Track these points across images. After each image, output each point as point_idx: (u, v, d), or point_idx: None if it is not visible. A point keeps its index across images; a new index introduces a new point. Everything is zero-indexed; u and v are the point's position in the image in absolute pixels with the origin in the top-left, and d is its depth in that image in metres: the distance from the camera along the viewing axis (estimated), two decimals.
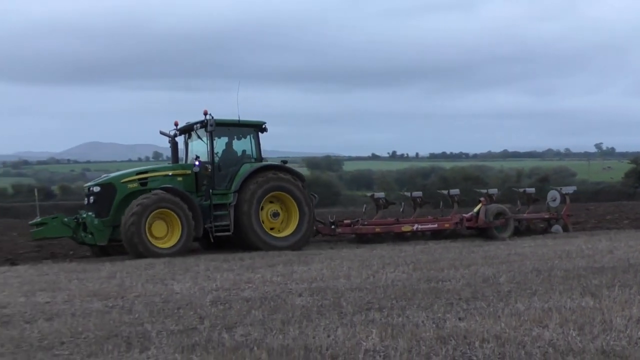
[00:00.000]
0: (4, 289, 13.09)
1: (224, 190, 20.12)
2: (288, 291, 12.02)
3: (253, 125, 21.33)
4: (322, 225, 22.22)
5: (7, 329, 9.32)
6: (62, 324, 9.48)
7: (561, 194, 24.38)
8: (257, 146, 21.35)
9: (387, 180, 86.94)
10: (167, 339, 8.31)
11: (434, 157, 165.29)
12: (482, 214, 22.69)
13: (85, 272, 15.69)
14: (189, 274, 14.94)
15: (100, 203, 19.37)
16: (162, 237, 19.02)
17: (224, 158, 20.86)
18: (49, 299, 11.90)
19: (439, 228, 22.92)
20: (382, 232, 22.52)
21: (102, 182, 20.07)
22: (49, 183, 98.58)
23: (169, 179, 20.08)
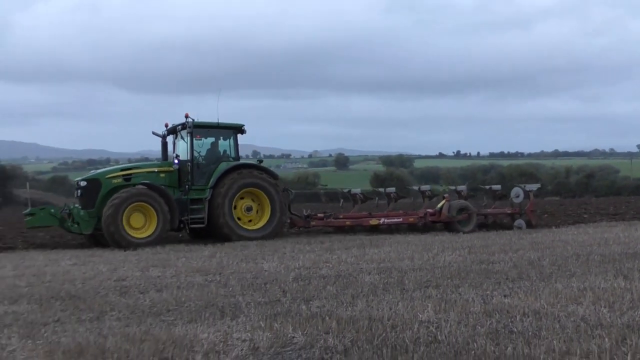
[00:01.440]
0: (124, 265, 13.46)
1: (202, 186, 19.52)
2: (359, 270, 12.06)
3: (232, 127, 20.62)
4: (297, 218, 21.27)
5: (125, 297, 9.59)
6: (169, 295, 9.71)
7: (525, 191, 22.85)
8: (236, 146, 20.66)
9: (452, 175, 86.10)
10: (254, 309, 8.44)
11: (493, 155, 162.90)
12: (445, 209, 21.59)
13: (191, 252, 16.00)
14: (276, 254, 15.09)
15: (87, 196, 18.80)
16: (139, 227, 18.37)
17: (204, 157, 20.17)
18: (160, 273, 12.20)
19: (403, 222, 21.83)
20: (353, 225, 21.56)
21: (89, 177, 19.50)
22: None
23: (153, 176, 19.49)
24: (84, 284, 11.05)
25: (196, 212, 19.16)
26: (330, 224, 21.26)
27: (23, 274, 12.35)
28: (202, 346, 6.54)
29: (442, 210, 21.58)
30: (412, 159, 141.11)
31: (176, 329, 7.39)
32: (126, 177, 19.19)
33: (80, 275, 12.11)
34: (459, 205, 21.83)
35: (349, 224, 21.37)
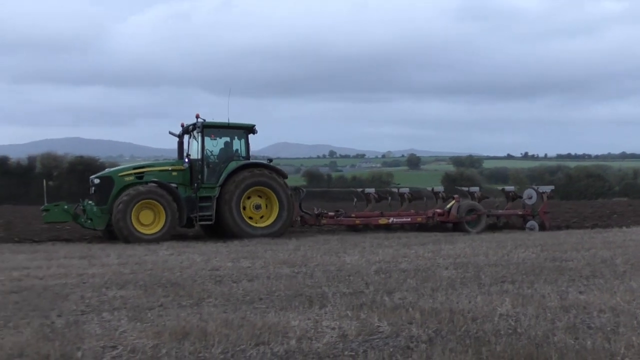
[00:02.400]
0: (216, 256, 13.71)
1: (212, 184, 19.03)
2: (437, 265, 12.01)
3: (243, 127, 20.07)
4: (309, 216, 20.60)
5: (220, 286, 9.78)
6: (260, 284, 9.86)
7: (538, 193, 21.89)
8: (247, 146, 20.05)
9: (520, 176, 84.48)
10: (340, 299, 8.51)
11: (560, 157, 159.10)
12: (454, 209, 20.79)
13: (277, 245, 16.19)
14: (357, 248, 15.14)
15: (100, 193, 18.57)
16: (149, 224, 18.09)
17: (216, 156, 19.72)
18: (250, 264, 12.39)
19: (412, 222, 21.06)
20: (362, 224, 20.90)
21: (102, 175, 19.29)
22: None
23: (166, 174, 19.17)
24: (181, 272, 11.33)
25: (205, 210, 18.79)
26: (340, 222, 20.62)
27: (126, 262, 12.74)
28: (295, 332, 6.64)
29: (450, 210, 20.83)
30: (482, 160, 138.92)
31: (269, 316, 7.51)
32: (139, 175, 18.94)
33: (177, 264, 12.41)
34: (468, 206, 21.00)
35: (358, 222, 20.77)
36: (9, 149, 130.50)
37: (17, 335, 6.64)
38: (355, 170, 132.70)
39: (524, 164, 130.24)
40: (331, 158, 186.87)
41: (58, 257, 13.75)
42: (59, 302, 8.52)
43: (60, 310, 7.98)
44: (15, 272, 11.37)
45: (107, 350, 6.08)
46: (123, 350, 6.07)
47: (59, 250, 15.05)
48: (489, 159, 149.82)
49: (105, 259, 13.33)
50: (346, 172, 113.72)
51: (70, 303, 8.47)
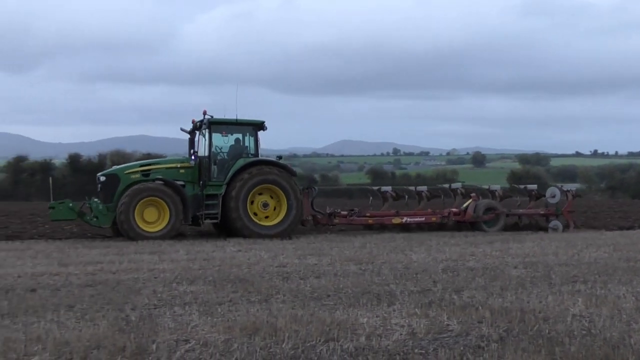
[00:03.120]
0: (283, 253, 13.81)
1: (220, 182, 18.55)
2: (505, 264, 11.86)
3: (252, 124, 19.47)
4: (321, 215, 19.94)
5: (287, 283, 9.87)
6: (328, 281, 9.91)
7: (562, 191, 20.88)
8: (256, 143, 19.41)
9: (588, 174, 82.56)
10: (408, 297, 8.49)
11: (632, 154, 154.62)
12: (471, 208, 20.04)
13: (343, 242, 16.22)
14: (423, 246, 15.06)
15: (106, 191, 18.29)
16: (153, 221, 17.80)
17: (226, 153, 19.26)
18: (316, 261, 12.45)
19: (426, 221, 20.22)
20: (375, 223, 20.24)
21: (108, 172, 19.10)
22: (311, 172, 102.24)
23: (173, 171, 18.75)
24: (249, 268, 11.47)
25: (211, 208, 18.40)
26: (353, 221, 20.06)
27: (195, 258, 12.95)
28: (364, 329, 6.65)
29: (467, 209, 20.13)
30: (549, 158, 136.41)
31: (337, 313, 7.54)
32: (145, 172, 18.60)
33: (245, 260, 12.57)
34: (486, 205, 20.24)
35: (371, 222, 20.18)
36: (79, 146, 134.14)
37: (94, 327, 6.84)
38: (419, 168, 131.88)
39: (593, 161, 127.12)
40: (395, 156, 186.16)
41: (129, 252, 14.09)
42: (132, 296, 8.74)
43: (133, 304, 8.19)
44: (89, 266, 11.71)
45: (180, 343, 6.20)
46: (195, 344, 6.19)
47: (130, 246, 15.41)
48: (557, 157, 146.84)
49: (174, 255, 13.59)
50: (410, 170, 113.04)
51: (142, 297, 8.67)
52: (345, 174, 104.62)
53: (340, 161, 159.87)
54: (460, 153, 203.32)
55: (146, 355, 5.84)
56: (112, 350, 5.92)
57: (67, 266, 11.76)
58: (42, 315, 7.54)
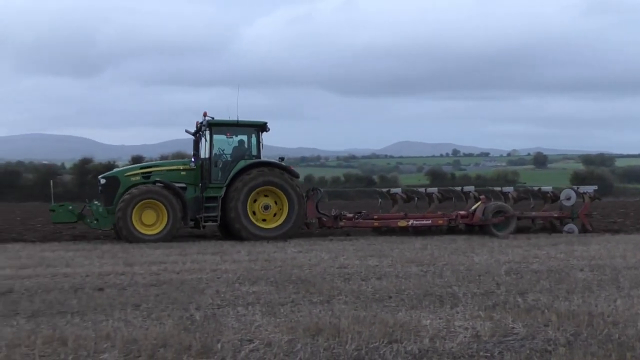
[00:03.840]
0: (343, 254, 13.82)
1: (220, 184, 18.23)
2: (570, 266, 11.62)
3: (254, 125, 19.12)
4: (327, 218, 19.40)
5: (349, 284, 9.86)
6: (389, 283, 9.87)
7: (578, 193, 19.86)
8: (258, 144, 19.06)
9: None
10: (471, 299, 8.40)
11: None
12: (480, 211, 19.16)
13: (403, 244, 16.13)
14: (485, 248, 14.87)
15: (106, 193, 18.12)
16: (151, 224, 17.52)
17: (228, 155, 18.96)
18: (377, 262, 12.42)
19: (432, 224, 19.45)
20: (380, 226, 19.56)
21: (109, 175, 18.81)
22: (370, 173, 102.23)
23: (175, 173, 18.48)
24: (310, 269, 11.50)
25: (211, 210, 18.14)
26: (359, 224, 19.51)
27: (257, 259, 13.07)
28: (427, 331, 6.61)
29: (475, 212, 19.32)
30: (614, 158, 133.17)
31: (399, 314, 7.51)
32: (145, 175, 18.38)
33: (306, 261, 12.61)
34: (495, 208, 19.36)
35: (377, 225, 19.56)
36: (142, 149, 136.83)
37: (160, 326, 6.96)
38: (479, 169, 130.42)
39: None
40: (454, 157, 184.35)
41: (192, 252, 14.30)
42: (196, 296, 8.87)
43: (197, 304, 8.30)
44: (154, 266, 11.94)
45: (244, 343, 6.26)
46: (259, 344, 6.24)
47: (192, 247, 15.64)
48: (622, 157, 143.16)
49: (236, 255, 13.74)
50: (470, 171, 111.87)
51: (206, 297, 8.79)
52: (405, 175, 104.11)
53: (399, 162, 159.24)
54: (521, 154, 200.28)
55: (211, 354, 5.92)
56: (178, 348, 6.02)
57: (132, 266, 12.02)
58: (110, 313, 7.72)
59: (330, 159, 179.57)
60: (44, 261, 12.77)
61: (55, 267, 11.98)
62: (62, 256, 13.61)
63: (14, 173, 64.00)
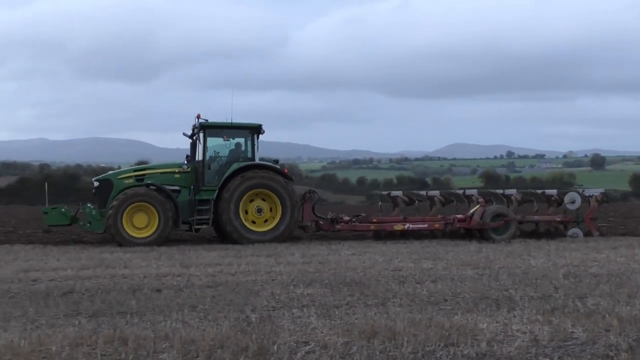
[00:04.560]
0: (397, 257, 13.75)
1: (213, 186, 17.97)
2: (631, 270, 11.37)
3: (249, 127, 18.81)
4: (323, 221, 18.99)
5: (403, 286, 9.81)
6: (444, 286, 9.79)
7: (583, 196, 19.12)
8: (252, 147, 18.76)
9: None
10: (528, 303, 8.28)
11: None
12: (478, 215, 18.47)
13: (458, 246, 15.98)
14: (541, 251, 14.63)
15: (100, 196, 18.01)
16: (142, 227, 17.32)
17: (223, 157, 18.72)
18: (432, 265, 12.33)
19: (428, 228, 18.89)
20: (376, 230, 19.09)
21: (102, 177, 18.66)
22: (423, 175, 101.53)
23: (168, 176, 18.28)
24: (364, 272, 11.49)
25: (204, 213, 17.88)
26: (355, 227, 19.06)
27: (310, 261, 13.10)
28: (484, 335, 6.54)
29: (473, 216, 18.65)
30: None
31: (455, 317, 7.45)
32: (139, 177, 18.24)
33: (360, 264, 12.60)
34: (494, 211, 18.69)
35: (373, 228, 19.18)
36: None
37: (217, 327, 7.03)
38: (534, 171, 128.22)
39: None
40: (509, 159, 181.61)
41: (246, 254, 14.41)
42: (251, 298, 8.94)
43: (253, 306, 8.37)
44: (209, 268, 12.08)
45: (300, 345, 6.29)
46: (315, 346, 6.26)
47: (247, 249, 15.75)
48: None
49: (290, 258, 13.79)
50: (525, 173, 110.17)
51: (261, 299, 8.86)
52: (458, 178, 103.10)
53: (452, 164, 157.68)
54: (577, 155, 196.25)
55: (268, 355, 5.96)
56: (235, 350, 6.08)
57: (188, 267, 12.18)
58: (168, 314, 7.84)
59: (383, 162, 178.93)
60: (103, 262, 13.04)
61: (114, 268, 12.23)
62: (121, 258, 13.86)
63: (73, 176, 65.33)
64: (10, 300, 9.04)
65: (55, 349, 6.13)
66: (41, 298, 9.06)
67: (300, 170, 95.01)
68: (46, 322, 7.50)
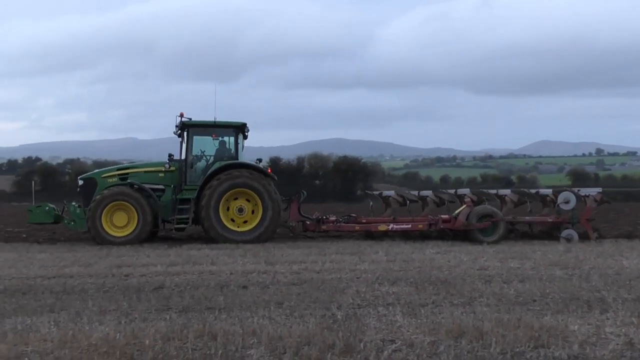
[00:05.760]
0: (483, 256, 13.54)
1: (195, 186, 17.74)
2: None
3: (232, 126, 18.54)
4: (310, 221, 18.55)
5: (490, 286, 9.67)
6: (532, 286, 9.60)
7: (578, 196, 17.81)
8: (236, 146, 18.49)
9: None
10: (622, 305, 8.04)
11: None
12: (463, 215, 17.59)
13: (545, 246, 15.60)
14: (635, 252, 14.13)
15: (84, 194, 18.01)
16: (122, 226, 17.29)
17: (207, 156, 18.45)
18: (519, 265, 12.08)
19: (412, 229, 18.21)
20: (361, 230, 18.54)
21: (86, 176, 18.69)
22: (508, 173, 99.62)
23: (152, 175, 18.15)
24: (450, 271, 11.37)
25: (184, 212, 17.72)
26: (340, 228, 18.57)
27: (395, 260, 13.05)
28: (576, 337, 6.39)
29: (458, 216, 17.81)
30: None
31: (545, 318, 7.30)
32: (122, 176, 18.23)
33: (445, 263, 12.47)
34: (480, 212, 17.77)
35: (358, 228, 18.60)
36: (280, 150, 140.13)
37: (303, 324, 7.11)
38: (625, 169, 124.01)
39: None
40: (597, 156, 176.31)
41: (330, 252, 14.47)
42: (336, 295, 8.99)
43: (338, 303, 8.41)
44: (294, 265, 12.20)
45: (386, 343, 6.29)
46: (402, 344, 6.25)
47: (331, 247, 15.82)
48: None
49: (374, 256, 13.78)
50: (615, 171, 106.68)
51: (347, 296, 8.89)
52: (544, 176, 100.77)
53: (538, 162, 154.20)
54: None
55: (355, 353, 5.98)
56: (322, 347, 6.13)
57: (273, 265, 12.33)
58: (255, 310, 7.96)
59: (466, 159, 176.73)
60: (191, 259, 13.34)
61: (201, 264, 12.49)
62: (207, 254, 14.15)
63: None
64: (105, 294, 9.38)
65: (148, 342, 6.32)
66: (133, 293, 9.37)
67: (382, 168, 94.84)
68: (139, 316, 7.75)
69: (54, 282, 10.46)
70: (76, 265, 12.51)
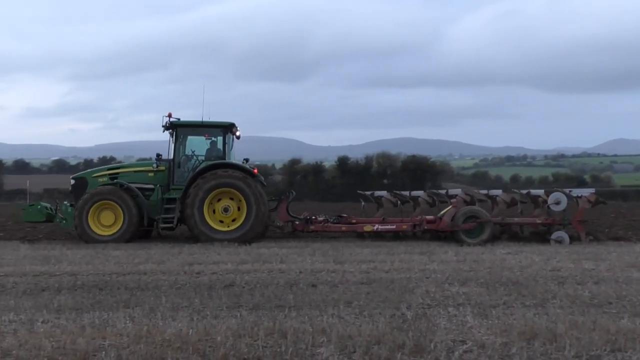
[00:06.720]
0: (556, 257, 13.27)
1: (182, 185, 17.63)
2: None
3: (220, 126, 18.43)
4: (298, 221, 18.37)
5: (563, 287, 9.48)
6: (608, 287, 9.36)
7: (570, 197, 17.13)
8: (224, 145, 18.34)
9: None
10: None
11: None
12: (448, 216, 16.92)
13: (621, 247, 15.19)
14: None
15: (75, 193, 18.18)
16: (109, 225, 17.37)
17: (197, 156, 18.41)
18: (594, 266, 11.79)
19: (396, 229, 17.84)
20: (347, 230, 18.18)
21: (77, 176, 18.84)
22: (581, 173, 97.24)
23: (142, 175, 18.18)
24: (521, 271, 11.17)
25: (170, 212, 17.67)
26: (328, 228, 18.23)
27: (465, 260, 12.91)
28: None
29: (443, 217, 17.18)
30: None
31: (622, 321, 7.12)
32: (113, 176, 18.41)
33: (516, 263, 12.26)
34: (466, 213, 17.11)
35: (344, 229, 18.21)
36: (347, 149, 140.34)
37: (373, 323, 7.10)
38: None
39: None
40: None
41: (399, 252, 14.40)
42: (406, 295, 8.95)
43: (408, 303, 8.38)
44: (363, 264, 12.19)
45: (457, 344, 6.23)
46: (473, 345, 6.18)
47: (400, 246, 15.74)
48: None
49: (443, 256, 13.66)
50: None
51: (416, 296, 8.84)
52: (619, 175, 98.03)
53: (613, 161, 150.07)
54: None
55: (425, 353, 5.95)
56: (392, 346, 6.11)
57: (342, 264, 12.35)
58: (324, 309, 8.00)
59: (537, 158, 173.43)
60: (261, 257, 13.48)
61: (270, 263, 12.61)
62: (277, 253, 14.27)
63: None
64: (178, 291, 9.57)
65: (220, 339, 6.42)
66: (205, 290, 9.52)
67: (451, 167, 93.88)
68: (210, 313, 7.88)
69: (128, 279, 10.73)
70: (150, 262, 12.79)
